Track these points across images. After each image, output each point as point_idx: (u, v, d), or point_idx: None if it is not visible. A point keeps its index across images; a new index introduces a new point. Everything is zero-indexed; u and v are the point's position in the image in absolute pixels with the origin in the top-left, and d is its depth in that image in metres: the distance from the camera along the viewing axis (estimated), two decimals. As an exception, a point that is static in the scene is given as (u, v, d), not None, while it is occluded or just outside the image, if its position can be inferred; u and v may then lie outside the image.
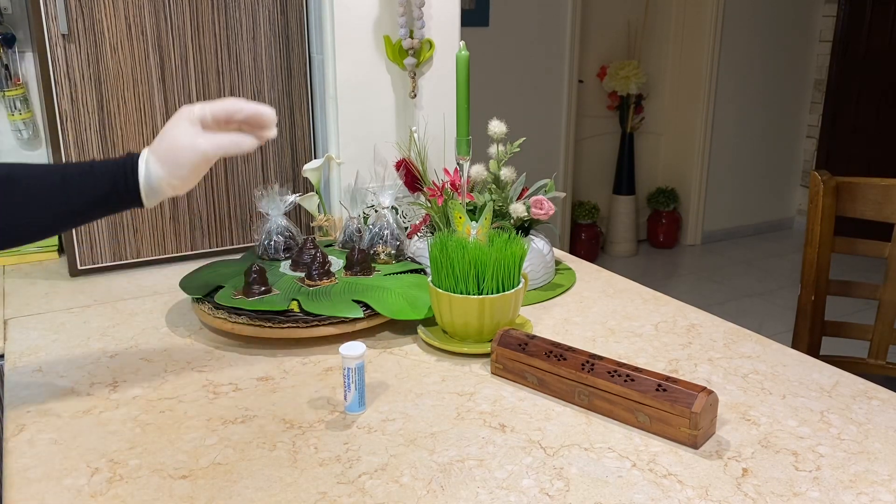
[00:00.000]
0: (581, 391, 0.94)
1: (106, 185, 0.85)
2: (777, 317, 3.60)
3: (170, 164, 0.85)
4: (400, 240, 1.34)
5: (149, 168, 0.86)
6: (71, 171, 0.85)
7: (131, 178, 0.85)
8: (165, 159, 0.85)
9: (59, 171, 0.85)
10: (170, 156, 0.85)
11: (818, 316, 1.57)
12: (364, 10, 1.45)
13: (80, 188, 0.84)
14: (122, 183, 0.85)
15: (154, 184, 0.86)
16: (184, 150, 0.85)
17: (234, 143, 0.86)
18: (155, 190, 0.86)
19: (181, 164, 0.85)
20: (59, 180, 0.84)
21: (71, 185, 0.84)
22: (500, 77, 3.85)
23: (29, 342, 1.14)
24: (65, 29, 1.32)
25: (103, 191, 0.85)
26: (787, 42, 4.62)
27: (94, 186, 0.84)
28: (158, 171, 0.85)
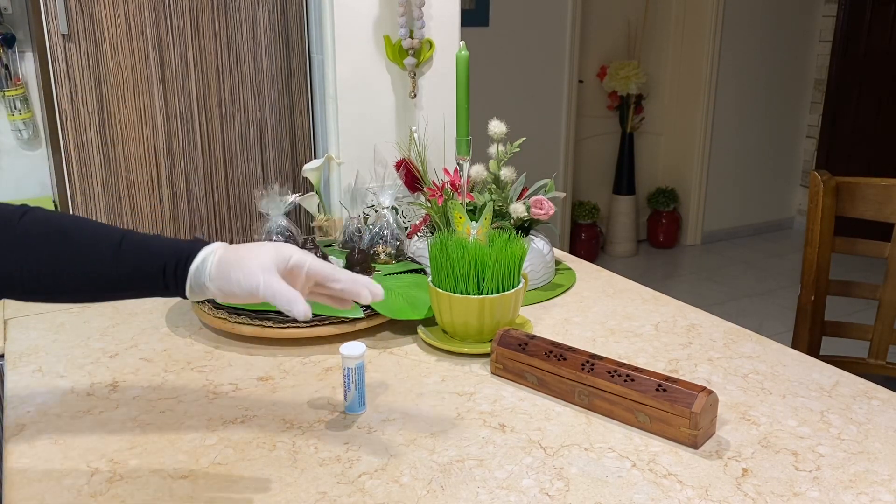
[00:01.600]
0: (581, 391, 0.94)
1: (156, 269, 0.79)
2: (777, 317, 3.60)
3: (225, 271, 0.79)
4: (400, 240, 1.34)
5: (205, 263, 0.80)
6: (126, 247, 0.80)
7: (183, 267, 0.79)
8: (224, 265, 0.79)
9: (114, 244, 0.80)
10: (233, 263, 0.79)
11: (818, 316, 1.57)
12: (364, 9, 1.45)
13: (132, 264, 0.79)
14: (173, 269, 0.79)
15: (202, 280, 0.80)
16: (246, 269, 0.78)
17: (287, 301, 0.77)
18: (200, 285, 0.80)
19: (233, 281, 0.78)
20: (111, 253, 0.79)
21: (124, 253, 0.79)
22: (500, 77, 3.85)
23: (29, 342, 1.14)
24: (65, 29, 1.32)
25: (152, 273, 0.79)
26: (787, 42, 4.62)
27: (146, 266, 0.79)
28: (212, 271, 0.79)
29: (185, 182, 1.47)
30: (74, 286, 0.79)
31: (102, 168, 1.40)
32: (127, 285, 0.80)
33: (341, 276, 0.81)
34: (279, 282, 0.78)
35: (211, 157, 1.49)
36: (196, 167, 1.48)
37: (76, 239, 0.79)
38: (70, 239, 0.79)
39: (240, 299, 0.80)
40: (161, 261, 0.79)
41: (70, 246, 0.79)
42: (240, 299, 0.80)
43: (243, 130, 1.51)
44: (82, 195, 1.39)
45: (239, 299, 0.80)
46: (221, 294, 0.80)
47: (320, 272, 0.81)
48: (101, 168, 1.40)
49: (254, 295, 0.78)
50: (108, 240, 0.80)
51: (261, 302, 0.80)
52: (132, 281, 0.79)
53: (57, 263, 0.78)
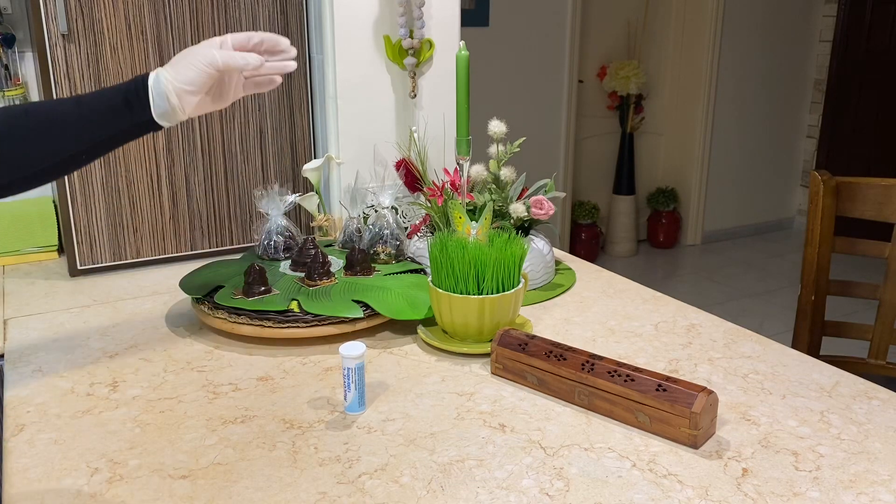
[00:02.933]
0: (581, 391, 0.94)
1: (118, 97, 0.85)
2: (777, 317, 3.60)
3: (179, 66, 0.87)
4: (400, 240, 1.34)
5: (158, 74, 0.87)
6: (85, 95, 0.87)
7: (142, 86, 0.85)
8: (176, 62, 0.87)
9: (74, 97, 0.86)
10: (181, 59, 0.87)
11: (818, 316, 1.57)
12: (364, 10, 1.45)
13: (94, 105, 0.85)
14: (134, 92, 0.85)
15: (162, 87, 0.86)
16: (196, 54, 0.87)
17: (242, 57, 0.88)
18: (162, 95, 0.86)
19: (190, 65, 0.86)
20: (73, 103, 0.85)
21: (84, 104, 0.85)
22: (500, 77, 3.85)
23: (29, 342, 1.14)
24: (65, 29, 1.32)
25: (116, 101, 0.85)
26: (787, 42, 4.62)
27: (109, 99, 0.85)
28: (167, 74, 0.86)
29: (185, 182, 1.47)
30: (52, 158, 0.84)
31: (102, 168, 1.40)
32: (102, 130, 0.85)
33: (256, 33, 0.91)
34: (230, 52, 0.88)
35: (211, 157, 1.49)
36: (196, 167, 1.48)
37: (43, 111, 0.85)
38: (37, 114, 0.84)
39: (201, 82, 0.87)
40: (120, 93, 0.86)
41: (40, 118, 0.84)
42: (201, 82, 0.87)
43: (243, 130, 1.51)
44: (82, 195, 1.39)
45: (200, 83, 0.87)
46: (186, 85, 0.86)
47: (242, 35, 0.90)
48: (100, 168, 1.40)
49: (216, 67, 0.87)
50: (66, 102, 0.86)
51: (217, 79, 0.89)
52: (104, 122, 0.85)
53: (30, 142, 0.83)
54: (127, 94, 0.86)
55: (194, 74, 0.87)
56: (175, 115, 0.88)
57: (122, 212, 1.43)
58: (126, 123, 0.86)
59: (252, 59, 0.89)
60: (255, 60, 0.89)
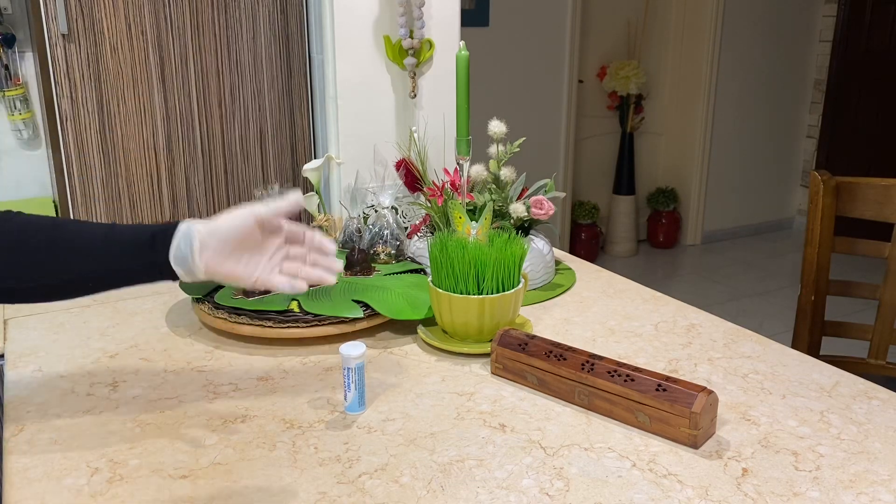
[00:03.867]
0: (581, 391, 0.94)
1: (147, 233, 0.81)
2: (777, 317, 3.60)
3: (213, 222, 0.82)
4: (400, 240, 1.34)
5: (192, 224, 0.81)
6: (121, 226, 0.83)
7: (171, 228, 0.81)
8: (209, 221, 0.82)
9: (109, 224, 0.84)
10: (214, 220, 0.82)
11: (818, 316, 1.57)
12: (364, 10, 1.46)
13: (124, 234, 0.81)
14: (162, 231, 0.81)
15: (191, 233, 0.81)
16: (230, 214, 0.82)
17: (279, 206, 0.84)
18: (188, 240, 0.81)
19: (225, 216, 0.82)
20: (106, 228, 0.82)
21: (116, 231, 0.82)
22: (500, 77, 3.85)
23: (29, 342, 1.14)
24: (65, 29, 1.32)
25: (144, 236, 0.81)
26: (787, 42, 4.62)
27: (139, 233, 0.81)
28: (199, 225, 0.81)
29: (185, 182, 1.47)
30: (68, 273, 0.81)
31: (102, 168, 1.40)
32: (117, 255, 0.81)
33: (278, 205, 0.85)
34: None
35: (211, 157, 1.49)
36: (196, 167, 1.48)
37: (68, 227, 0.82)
38: (61, 229, 0.81)
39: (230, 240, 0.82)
40: (150, 228, 0.82)
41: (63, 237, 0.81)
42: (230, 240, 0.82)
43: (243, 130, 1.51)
44: (82, 195, 1.39)
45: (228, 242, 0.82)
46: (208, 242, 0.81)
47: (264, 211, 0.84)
48: (101, 168, 1.40)
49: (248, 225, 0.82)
50: (99, 225, 0.83)
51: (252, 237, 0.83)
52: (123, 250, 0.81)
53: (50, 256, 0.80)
54: (156, 232, 0.81)
55: (226, 222, 0.82)
56: (195, 269, 0.81)
57: (122, 211, 1.43)
58: (142, 261, 0.81)
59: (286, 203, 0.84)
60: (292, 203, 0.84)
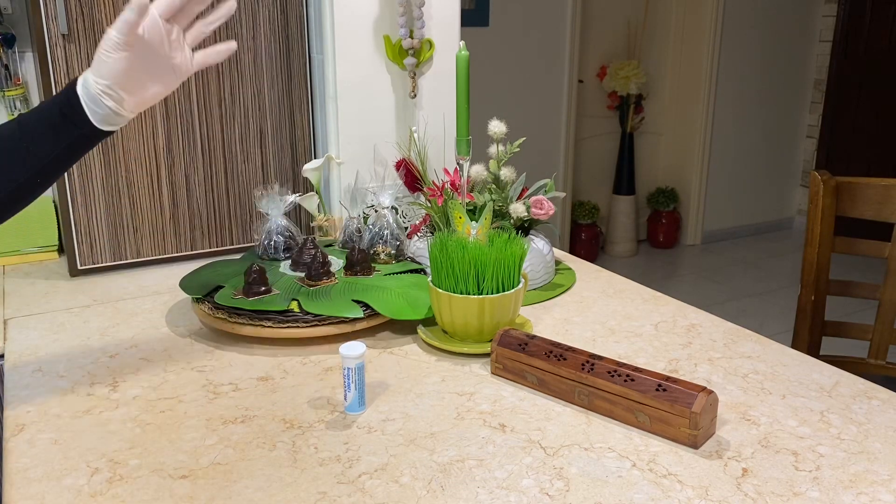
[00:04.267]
0: (581, 391, 0.94)
1: (55, 112, 0.79)
2: (777, 317, 3.60)
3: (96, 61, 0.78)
4: (400, 240, 1.34)
5: (85, 77, 0.79)
6: (25, 114, 0.81)
7: (73, 95, 0.78)
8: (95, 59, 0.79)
9: (16, 119, 0.82)
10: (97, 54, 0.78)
11: (818, 316, 1.57)
12: (364, 10, 1.45)
13: (35, 124, 0.79)
14: (67, 103, 0.78)
15: (92, 91, 0.78)
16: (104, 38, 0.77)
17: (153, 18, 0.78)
18: (95, 99, 0.78)
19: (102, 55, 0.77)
20: (15, 125, 0.80)
21: (25, 125, 0.79)
22: (500, 77, 3.85)
23: (29, 342, 1.14)
24: (65, 29, 1.32)
25: (54, 117, 0.78)
26: (787, 42, 4.62)
27: (48, 116, 0.79)
28: (89, 76, 0.78)
29: (185, 182, 1.47)
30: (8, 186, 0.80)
31: (102, 168, 1.40)
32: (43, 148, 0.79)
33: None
34: None
35: (211, 157, 1.49)
36: (196, 167, 1.48)
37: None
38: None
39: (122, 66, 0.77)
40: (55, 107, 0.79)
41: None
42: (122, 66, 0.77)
43: (243, 130, 1.51)
44: (82, 195, 1.39)
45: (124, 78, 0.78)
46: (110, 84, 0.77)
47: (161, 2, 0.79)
48: (101, 168, 1.40)
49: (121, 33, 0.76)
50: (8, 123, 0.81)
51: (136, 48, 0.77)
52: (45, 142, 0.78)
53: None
54: (62, 106, 0.79)
55: (111, 63, 0.76)
56: (119, 118, 0.80)
57: (122, 212, 1.43)
58: (70, 138, 0.79)
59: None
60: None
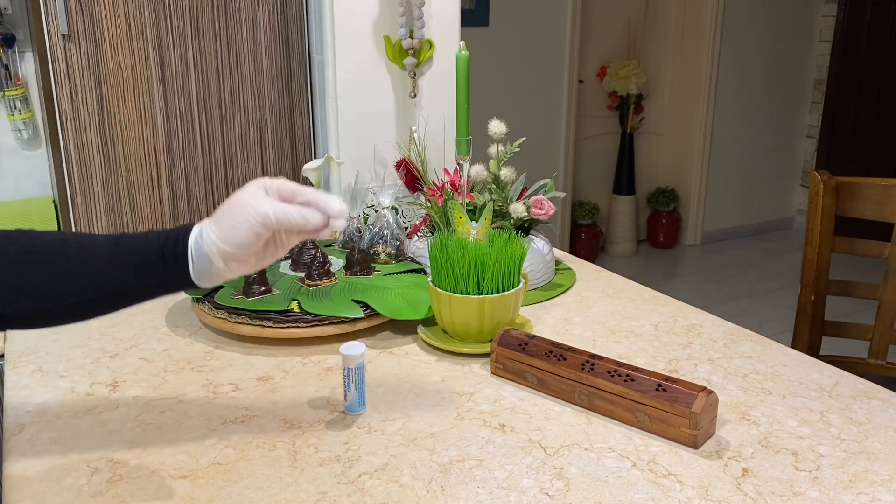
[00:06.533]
0: (581, 391, 0.94)
1: (154, 253, 0.74)
2: (777, 317, 3.60)
3: (225, 226, 0.74)
4: (400, 240, 1.34)
5: (202, 231, 0.74)
6: (126, 238, 0.77)
7: (181, 245, 0.74)
8: (221, 218, 0.74)
9: (115, 237, 0.77)
10: (227, 215, 0.74)
11: (818, 316, 1.57)
12: (364, 10, 1.46)
13: (131, 256, 0.75)
14: (171, 248, 0.74)
15: (204, 250, 0.74)
16: (244, 209, 0.73)
17: (300, 215, 0.74)
18: (204, 258, 0.74)
19: (238, 226, 0.73)
20: (112, 242, 0.76)
21: (122, 245, 0.75)
22: (500, 77, 3.85)
23: (29, 342, 1.14)
24: (65, 29, 1.32)
25: (151, 258, 0.74)
26: (787, 42, 4.62)
27: (144, 254, 0.75)
28: (211, 236, 0.74)
29: (185, 182, 1.48)
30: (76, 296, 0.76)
31: (102, 168, 1.40)
32: (128, 279, 0.75)
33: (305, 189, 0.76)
34: (279, 202, 0.74)
35: (211, 157, 1.49)
36: (196, 167, 1.48)
37: (73, 244, 0.76)
38: (68, 245, 0.76)
39: (250, 242, 0.74)
40: (158, 244, 0.75)
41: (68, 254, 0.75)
42: (250, 242, 0.74)
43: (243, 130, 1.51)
44: (82, 195, 1.39)
45: (249, 244, 0.74)
46: (231, 248, 0.74)
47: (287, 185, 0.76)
48: (101, 168, 1.40)
49: (267, 225, 0.73)
50: (105, 239, 0.77)
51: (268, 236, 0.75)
52: (133, 273, 0.75)
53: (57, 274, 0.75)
54: (164, 247, 0.74)
55: (243, 236, 0.73)
56: (219, 277, 0.76)
57: (122, 212, 1.43)
58: (156, 279, 0.75)
59: (311, 218, 0.74)
60: (315, 218, 0.74)
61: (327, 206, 0.75)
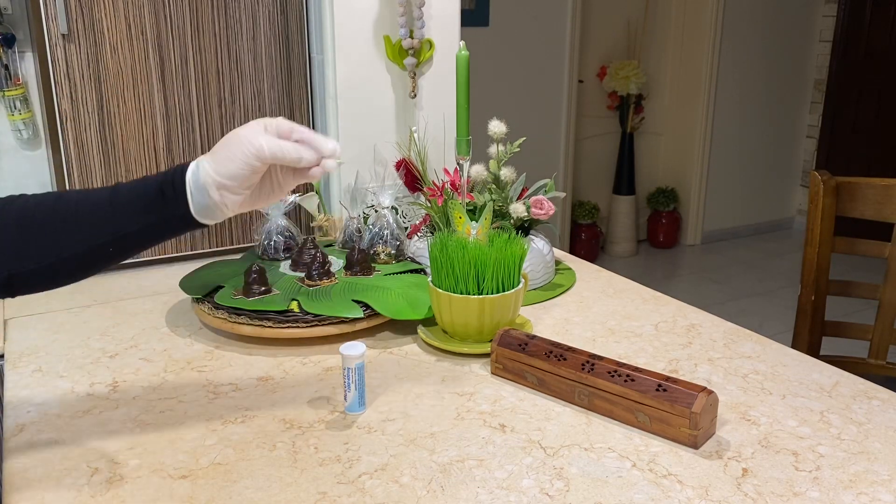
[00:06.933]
0: (581, 391, 0.94)
1: (154, 187, 0.76)
2: (777, 317, 3.60)
3: (221, 157, 0.75)
4: (400, 240, 1.34)
5: (199, 165, 0.76)
6: (123, 185, 0.78)
7: (179, 177, 0.75)
8: (217, 151, 0.76)
9: (112, 186, 0.78)
10: (223, 148, 0.76)
11: (818, 316, 1.57)
12: (364, 10, 1.45)
13: (130, 198, 0.76)
14: (170, 182, 0.75)
15: (201, 182, 0.75)
16: (240, 142, 0.75)
17: (295, 150, 0.76)
18: (202, 189, 0.75)
19: (233, 157, 0.75)
20: (109, 192, 0.77)
21: (120, 193, 0.76)
22: (500, 77, 3.85)
23: (29, 342, 1.14)
24: (65, 29, 1.32)
25: (151, 192, 0.75)
26: (787, 42, 4.62)
27: (144, 189, 0.76)
28: (207, 168, 0.75)
29: (185, 182, 1.48)
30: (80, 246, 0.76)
31: (102, 168, 1.40)
32: (134, 227, 0.76)
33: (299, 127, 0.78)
34: (278, 139, 0.76)
35: (211, 157, 1.49)
36: (196, 167, 1.48)
37: (71, 196, 0.77)
38: (65, 199, 0.76)
39: (245, 175, 0.75)
40: (156, 182, 0.76)
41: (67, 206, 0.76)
42: (245, 175, 0.75)
43: (243, 130, 1.51)
44: (82, 195, 1.39)
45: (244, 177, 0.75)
46: (228, 180, 0.75)
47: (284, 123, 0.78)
48: (101, 168, 1.40)
49: (262, 158, 0.75)
50: (102, 189, 0.78)
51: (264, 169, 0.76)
52: (137, 217, 0.75)
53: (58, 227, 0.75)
54: (163, 184, 0.75)
55: (238, 167, 0.75)
56: (217, 212, 0.77)
57: (122, 212, 1.43)
58: (158, 217, 0.76)
59: (306, 154, 0.77)
60: (310, 155, 0.77)
61: (321, 146, 0.78)
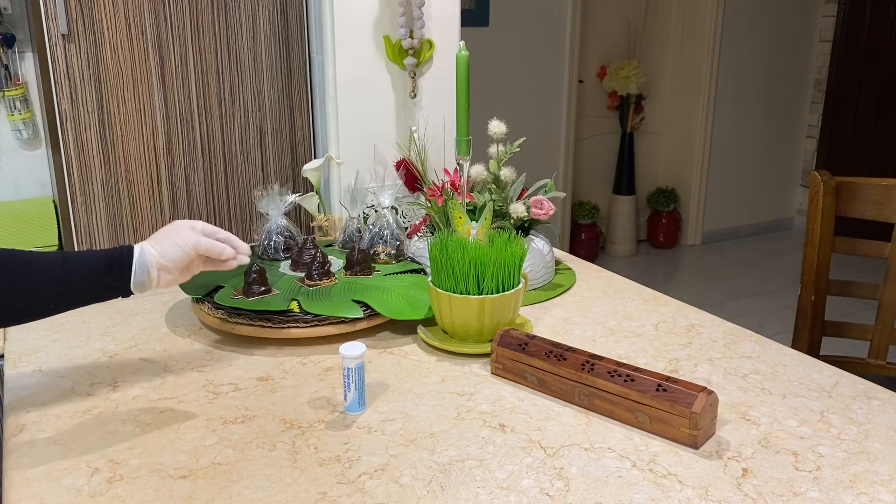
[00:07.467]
0: (581, 391, 0.94)
1: (103, 262, 0.89)
2: (777, 317, 3.60)
3: (166, 245, 0.93)
4: (400, 240, 1.34)
5: (143, 249, 0.92)
6: (72, 253, 0.90)
7: (127, 256, 0.91)
8: (162, 241, 0.94)
9: (62, 253, 0.90)
10: (165, 238, 0.94)
11: (818, 316, 1.57)
12: (364, 10, 1.46)
13: (79, 264, 0.88)
14: (118, 260, 0.90)
15: (146, 262, 0.91)
16: (180, 235, 0.94)
17: (222, 248, 0.96)
18: (144, 268, 0.91)
19: (177, 246, 0.93)
20: (60, 259, 0.88)
21: (70, 261, 0.88)
22: (500, 77, 3.85)
23: (29, 342, 1.14)
24: (65, 29, 1.32)
25: (100, 265, 0.89)
26: (787, 42, 4.62)
27: (94, 262, 0.89)
28: (152, 251, 0.92)
29: (185, 182, 1.48)
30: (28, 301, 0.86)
31: (102, 168, 1.40)
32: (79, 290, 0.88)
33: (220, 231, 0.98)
34: (206, 237, 0.95)
35: (211, 157, 1.49)
36: (196, 167, 1.48)
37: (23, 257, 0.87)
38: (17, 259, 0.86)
39: (182, 263, 0.93)
40: (105, 257, 0.90)
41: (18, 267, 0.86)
42: (182, 263, 0.93)
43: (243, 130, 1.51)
44: (82, 195, 1.39)
45: (181, 263, 0.93)
46: (169, 263, 0.92)
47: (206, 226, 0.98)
48: (101, 168, 1.40)
49: (197, 251, 0.94)
50: (55, 254, 0.89)
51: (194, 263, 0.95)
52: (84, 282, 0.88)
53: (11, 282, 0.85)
54: (111, 260, 0.90)
55: (178, 254, 0.93)
56: (148, 286, 0.92)
57: (122, 212, 1.43)
58: (101, 285, 0.89)
59: (227, 251, 0.97)
60: (230, 252, 0.97)
61: (237, 245, 0.99)
